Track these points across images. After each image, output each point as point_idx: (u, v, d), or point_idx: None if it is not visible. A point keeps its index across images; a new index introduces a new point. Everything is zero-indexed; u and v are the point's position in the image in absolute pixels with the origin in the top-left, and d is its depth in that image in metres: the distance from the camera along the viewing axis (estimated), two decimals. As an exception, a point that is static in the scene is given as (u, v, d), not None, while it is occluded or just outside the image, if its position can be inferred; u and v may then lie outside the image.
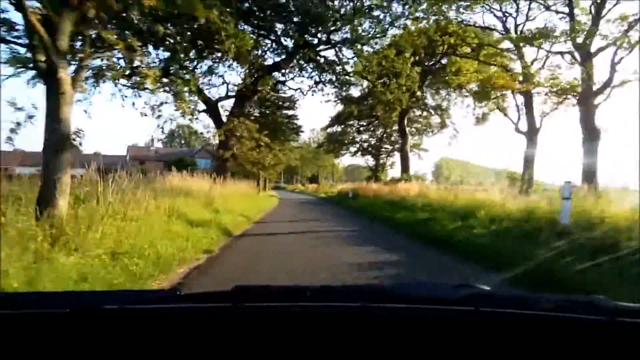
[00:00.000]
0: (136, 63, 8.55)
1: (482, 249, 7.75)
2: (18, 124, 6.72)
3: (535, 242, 7.42)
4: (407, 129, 37.55)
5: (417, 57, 25.43)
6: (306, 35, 19.03)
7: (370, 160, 47.01)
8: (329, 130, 45.43)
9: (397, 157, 46.07)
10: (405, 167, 36.05)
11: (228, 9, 12.16)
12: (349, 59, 21.29)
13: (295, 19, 18.27)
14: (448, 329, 1.15)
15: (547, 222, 8.34)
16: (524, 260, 6.13)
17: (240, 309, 1.19)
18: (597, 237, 6.48)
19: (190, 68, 18.58)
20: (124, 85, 10.88)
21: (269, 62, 21.93)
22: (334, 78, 24.89)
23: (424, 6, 19.11)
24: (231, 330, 1.14)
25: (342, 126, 44.21)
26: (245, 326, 1.15)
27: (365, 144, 45.92)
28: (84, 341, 1.09)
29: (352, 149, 46.62)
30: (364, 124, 43.86)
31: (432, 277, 6.24)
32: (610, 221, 6.92)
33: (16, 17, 6.06)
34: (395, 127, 45.18)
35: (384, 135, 45.27)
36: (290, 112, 34.55)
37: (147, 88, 9.47)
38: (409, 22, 20.81)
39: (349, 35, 18.85)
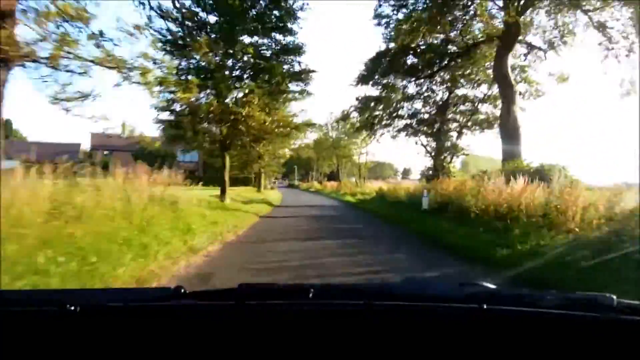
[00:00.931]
0: None
1: None
2: None
3: None
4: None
5: None
6: None
7: (423, 142, 28.60)
8: (359, 94, 27.54)
9: (467, 139, 27.78)
10: (512, 147, 18.32)
11: None
12: None
13: None
14: (452, 327, 1.13)
15: None
16: None
17: (245, 306, 1.19)
18: None
19: None
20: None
21: None
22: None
23: None
24: (235, 327, 1.13)
25: (380, 88, 26.49)
26: (250, 324, 1.14)
27: (420, 116, 27.92)
28: (89, 338, 1.09)
29: (400, 122, 28.60)
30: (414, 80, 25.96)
31: None
32: None
33: None
34: (463, 92, 27.63)
35: (448, 101, 27.35)
36: (286, 39, 16.96)
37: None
38: None
39: None
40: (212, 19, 14.87)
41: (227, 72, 14.34)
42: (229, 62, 14.97)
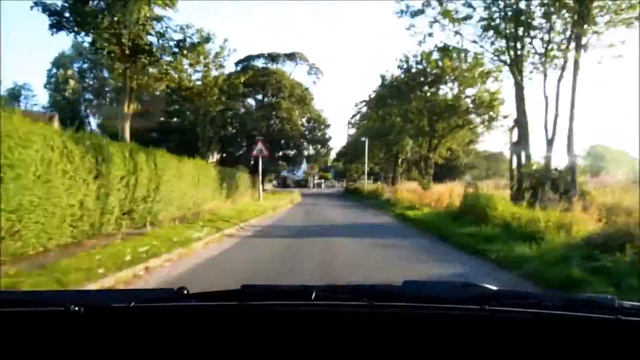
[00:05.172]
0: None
1: None
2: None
3: None
4: None
5: None
6: None
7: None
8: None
9: None
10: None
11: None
12: None
13: None
14: (455, 328, 1.15)
15: None
16: None
17: (248, 307, 1.19)
18: None
19: None
20: None
21: None
22: None
23: None
24: (238, 329, 1.15)
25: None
26: (252, 325, 1.15)
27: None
28: (94, 339, 1.10)
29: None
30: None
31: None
32: None
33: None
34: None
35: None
36: None
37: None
38: None
39: None
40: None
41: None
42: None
